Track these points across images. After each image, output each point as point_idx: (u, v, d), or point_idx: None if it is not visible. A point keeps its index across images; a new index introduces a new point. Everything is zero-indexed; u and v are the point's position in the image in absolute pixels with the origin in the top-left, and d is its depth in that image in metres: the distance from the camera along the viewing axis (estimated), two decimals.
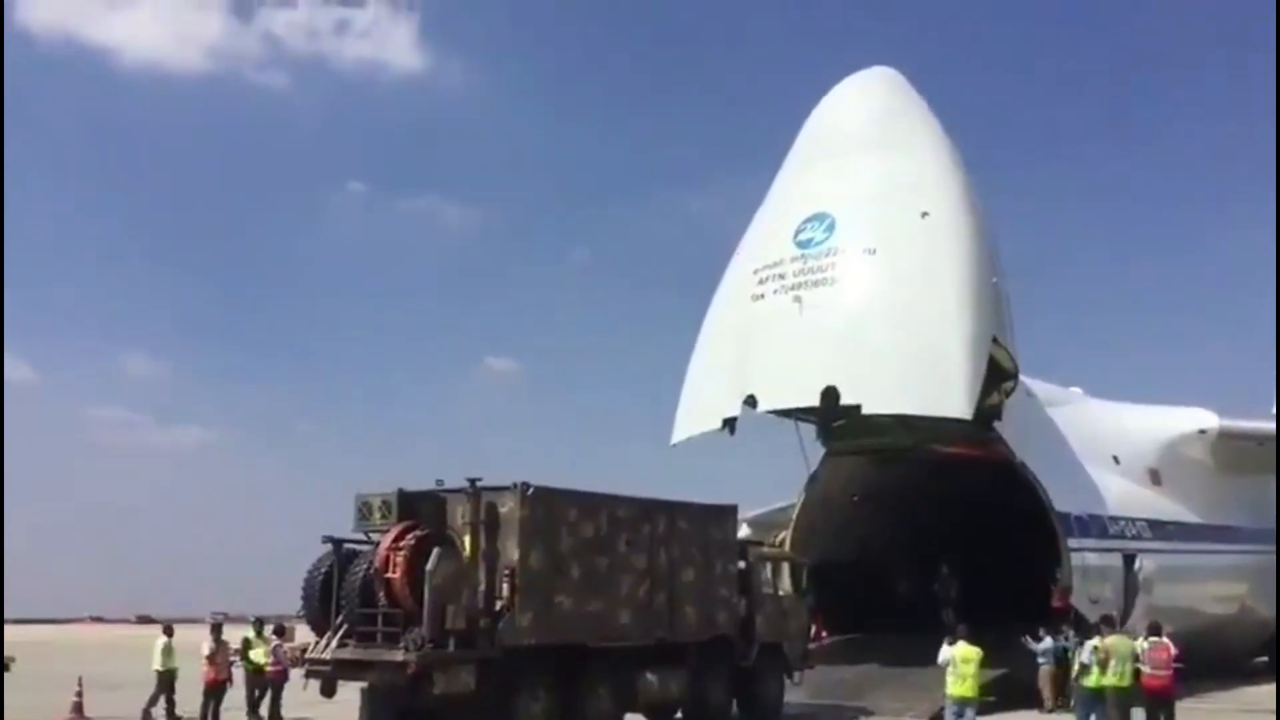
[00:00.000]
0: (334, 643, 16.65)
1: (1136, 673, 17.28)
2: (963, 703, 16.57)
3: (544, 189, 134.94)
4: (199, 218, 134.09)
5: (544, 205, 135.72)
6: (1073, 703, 19.14)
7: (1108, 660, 17.28)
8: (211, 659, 20.91)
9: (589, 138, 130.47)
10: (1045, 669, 23.07)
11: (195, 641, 21.98)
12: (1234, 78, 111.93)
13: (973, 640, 17.25)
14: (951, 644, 17.15)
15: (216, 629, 21.71)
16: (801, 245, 24.24)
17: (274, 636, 21.93)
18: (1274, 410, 42.89)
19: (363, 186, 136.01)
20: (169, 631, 22.53)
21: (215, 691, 20.81)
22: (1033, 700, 23.07)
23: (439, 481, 17.59)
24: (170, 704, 21.37)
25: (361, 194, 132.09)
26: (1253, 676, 30.44)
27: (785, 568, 23.59)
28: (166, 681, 21.56)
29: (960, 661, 16.80)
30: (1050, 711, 22.28)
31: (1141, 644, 17.36)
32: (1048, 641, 23.29)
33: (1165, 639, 17.44)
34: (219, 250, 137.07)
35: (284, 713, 20.87)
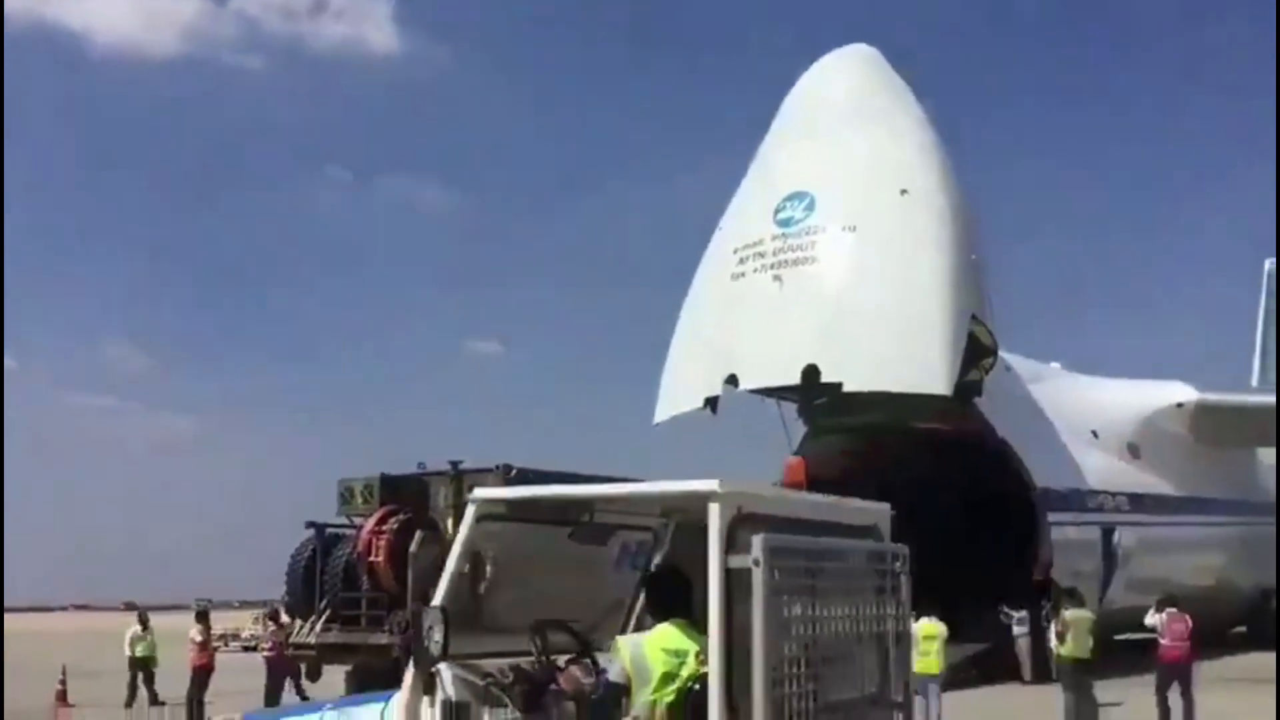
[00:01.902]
0: (318, 627, 16.69)
1: (1096, 645, 17.42)
2: (926, 679, 16.61)
3: (524, 170, 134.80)
4: (177, 203, 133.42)
5: (525, 187, 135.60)
6: (1055, 674, 19.31)
7: (1065, 633, 17.42)
8: (200, 645, 20.93)
9: (569, 118, 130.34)
10: (1023, 642, 23.30)
11: (181, 627, 21.97)
12: (1222, 54, 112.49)
13: (942, 616, 17.32)
14: (916, 620, 17.21)
15: (203, 615, 21.71)
16: (782, 224, 24.30)
17: (270, 622, 21.93)
18: (1252, 383, 43.32)
19: (341, 170, 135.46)
20: (143, 619, 22.52)
21: (202, 676, 20.81)
22: (1015, 673, 23.32)
23: (421, 465, 17.63)
24: (150, 691, 21.37)
25: (340, 177, 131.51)
26: (1234, 646, 30.75)
27: None
28: (138, 669, 21.59)
29: (923, 638, 16.84)
30: (1029, 683, 22.47)
31: (1156, 617, 17.46)
32: (1023, 615, 23.52)
33: (1178, 610, 17.52)
34: (198, 236, 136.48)
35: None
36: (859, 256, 23.65)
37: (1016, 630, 23.55)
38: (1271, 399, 36.54)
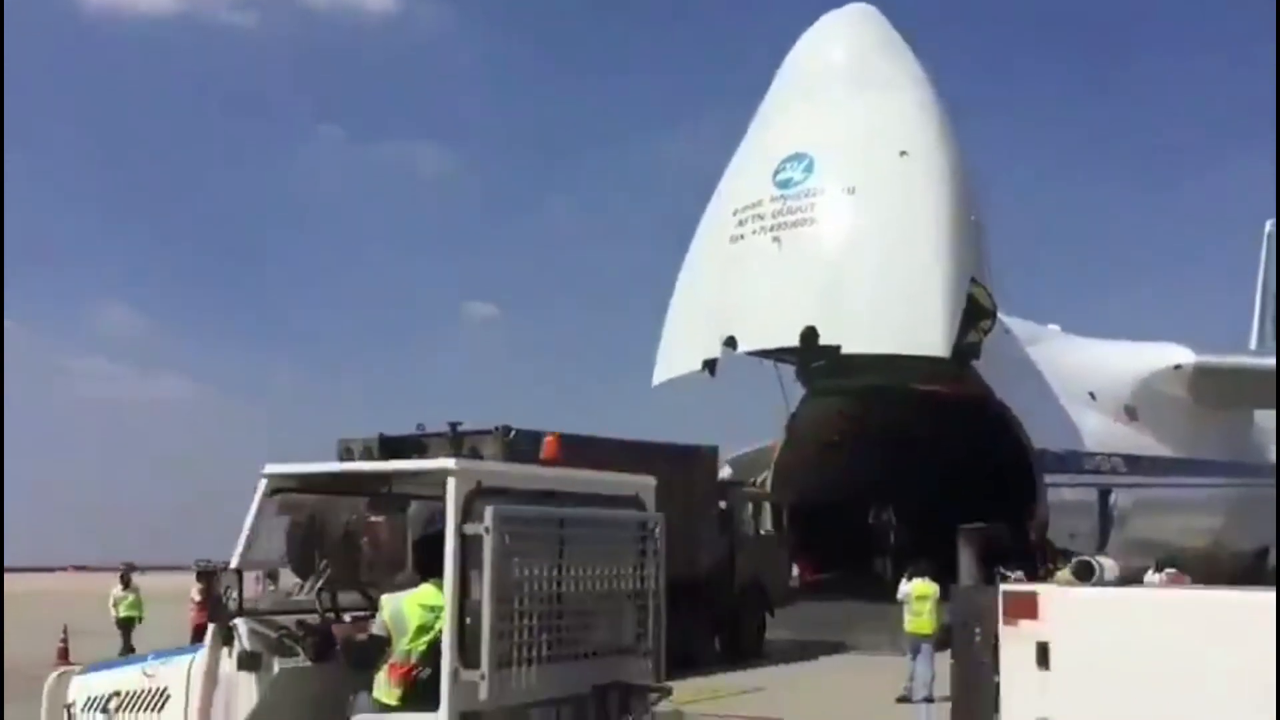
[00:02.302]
0: (319, 585, 16.74)
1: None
2: (919, 638, 16.73)
3: (523, 131, 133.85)
4: (170, 162, 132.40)
5: (523, 148, 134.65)
6: None
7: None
8: (199, 604, 21.08)
9: (568, 79, 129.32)
10: None
11: (183, 588, 22.13)
12: (1225, 10, 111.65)
13: (937, 577, 17.42)
14: (909, 580, 17.32)
15: (204, 575, 21.81)
16: (781, 185, 24.22)
17: (268, 579, 22.03)
18: (1251, 346, 43.36)
19: (336, 129, 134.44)
20: (124, 579, 22.71)
21: (201, 634, 20.93)
22: None
23: (420, 426, 17.57)
24: (128, 646, 21.59)
25: (335, 136, 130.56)
26: None
27: (766, 507, 23.79)
28: (123, 628, 21.86)
29: (916, 598, 16.96)
30: None
31: (1156, 577, 17.54)
32: (1019, 575, 23.63)
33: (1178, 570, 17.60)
34: (191, 197, 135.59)
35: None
36: (858, 218, 23.60)
37: None
38: (1269, 362, 36.59)
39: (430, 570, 6.12)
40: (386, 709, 6.00)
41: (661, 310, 26.18)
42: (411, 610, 6.17)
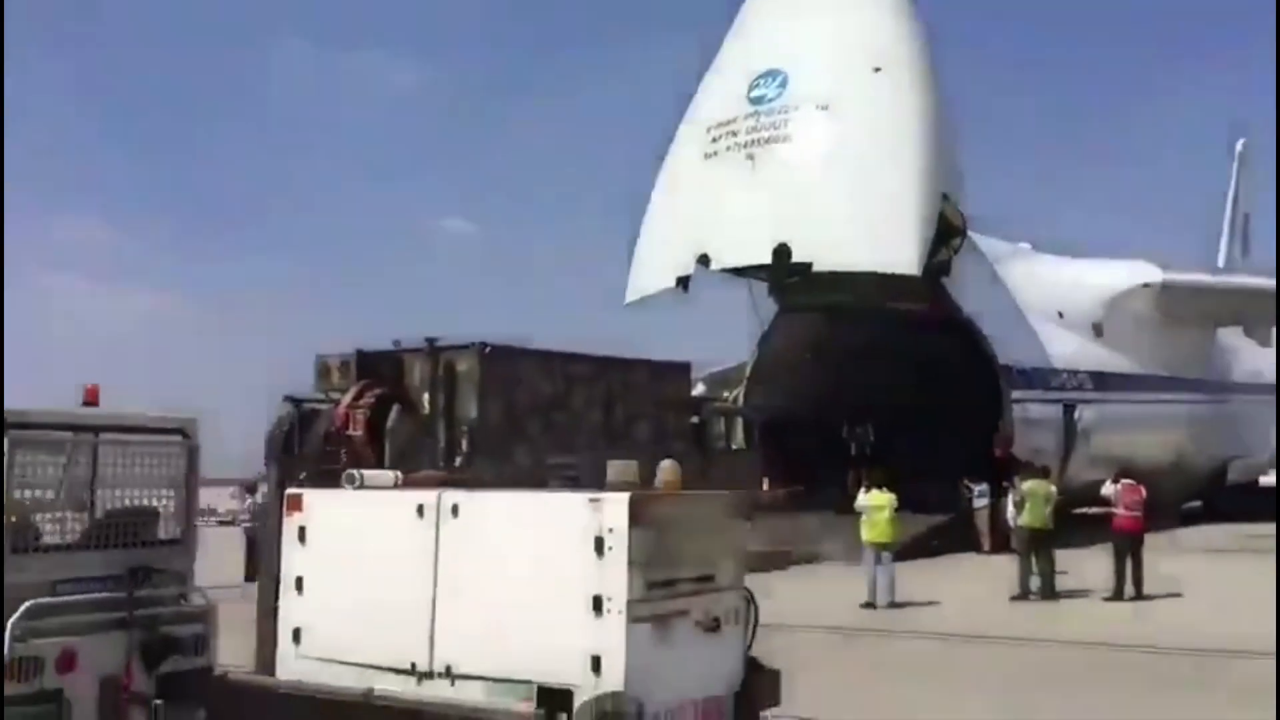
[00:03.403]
0: None
1: (1055, 514, 18.08)
2: (878, 547, 17.16)
3: (496, 44, 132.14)
4: (136, 75, 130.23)
5: (496, 61, 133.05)
6: (1013, 543, 19.99)
7: (1023, 502, 18.05)
8: None
9: None
10: (982, 514, 24.03)
11: None
12: None
13: (905, 489, 17.84)
14: (866, 491, 17.71)
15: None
16: (755, 102, 24.24)
17: (247, 494, 22.34)
18: (1219, 264, 43.90)
19: (304, 42, 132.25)
20: None
21: None
22: (977, 544, 24.10)
23: (396, 342, 17.77)
24: None
25: (303, 50, 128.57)
26: (1188, 520, 31.78)
27: (738, 423, 24.14)
28: None
29: (873, 508, 17.35)
30: (990, 553, 23.19)
31: (1112, 488, 18.06)
32: (984, 488, 24.20)
33: (1134, 481, 18.11)
34: (159, 110, 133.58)
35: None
36: (831, 135, 23.68)
37: (977, 503, 24.28)
38: (1235, 279, 37.22)
39: None
40: None
41: (636, 226, 26.26)
42: None
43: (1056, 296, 30.63)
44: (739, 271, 25.78)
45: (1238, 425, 36.85)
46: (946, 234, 24.24)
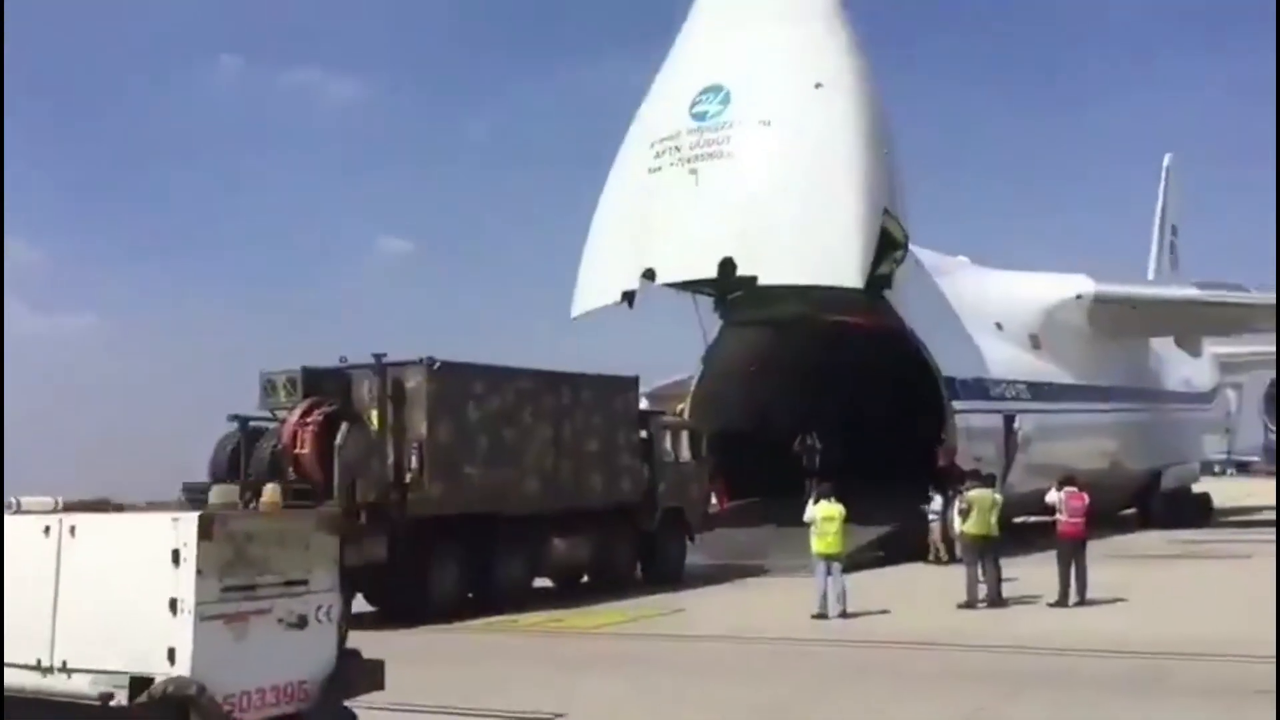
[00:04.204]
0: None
1: (1000, 523, 18.31)
2: (827, 559, 17.26)
3: (435, 61, 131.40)
4: (62, 93, 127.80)
5: (436, 79, 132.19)
6: (958, 553, 20.20)
7: (969, 510, 18.27)
8: None
9: (481, 5, 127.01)
10: (935, 525, 24.23)
11: None
12: None
13: (852, 500, 17.97)
14: (815, 503, 17.82)
15: (116, 509, 21.68)
16: (697, 118, 24.40)
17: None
18: (1149, 276, 44.79)
19: (237, 59, 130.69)
20: None
21: None
22: (922, 554, 24.31)
23: (342, 359, 17.69)
24: None
25: (236, 66, 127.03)
26: (1122, 526, 32.35)
27: (685, 436, 24.23)
28: None
29: (823, 520, 17.45)
30: (944, 563, 23.30)
31: (1057, 495, 18.31)
32: (937, 500, 24.42)
33: (1077, 489, 18.36)
34: (86, 128, 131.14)
35: None
36: (774, 151, 23.89)
37: (931, 516, 24.47)
38: (1165, 291, 38.04)
39: None
40: None
41: (580, 242, 26.27)
42: None
43: (994, 308, 31.08)
44: (684, 286, 25.88)
45: (1170, 434, 37.61)
46: (888, 247, 24.51)
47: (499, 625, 17.03)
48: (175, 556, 6.34)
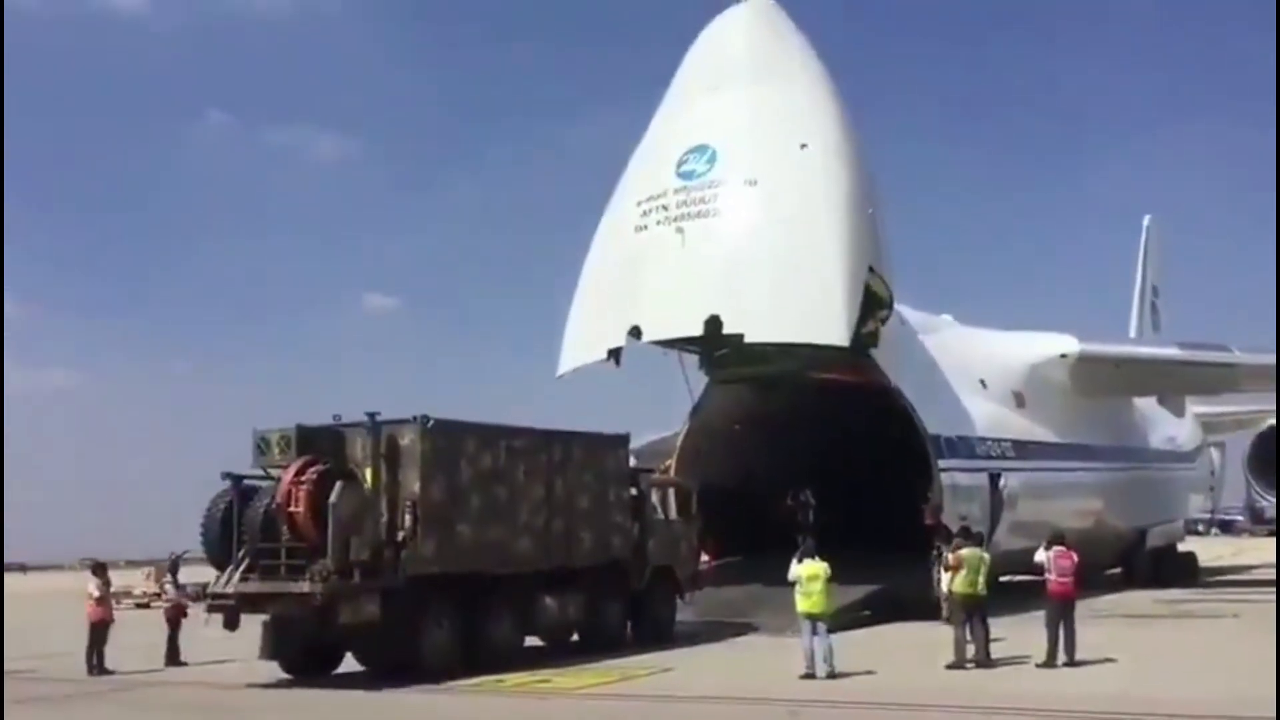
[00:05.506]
0: (236, 576, 16.76)
1: (990, 582, 18.31)
2: (812, 618, 17.22)
3: (422, 120, 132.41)
4: (52, 148, 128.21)
5: (422, 137, 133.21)
6: (946, 613, 20.16)
7: (958, 569, 18.27)
8: (98, 599, 20.80)
9: (468, 66, 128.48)
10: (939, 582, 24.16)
11: (64, 586, 21.83)
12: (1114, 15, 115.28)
13: (836, 559, 17.95)
14: (800, 561, 17.81)
15: (100, 568, 21.54)
16: (684, 177, 24.70)
17: (168, 574, 21.89)
18: (1130, 334, 45.17)
19: (226, 116, 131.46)
20: None
21: (100, 631, 20.68)
22: (909, 613, 24.22)
23: (336, 417, 17.73)
24: None
25: (225, 124, 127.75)
26: (1108, 585, 32.40)
27: (673, 493, 24.28)
28: None
29: (807, 579, 17.42)
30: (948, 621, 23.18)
31: (1045, 554, 18.33)
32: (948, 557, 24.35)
33: (1066, 548, 18.39)
34: (74, 183, 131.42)
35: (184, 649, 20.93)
36: (759, 210, 24.16)
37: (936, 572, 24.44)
38: (1147, 350, 38.39)
39: None
40: None
41: (566, 299, 26.42)
42: None
43: (979, 366, 31.30)
44: (670, 343, 26.02)
45: (1155, 492, 37.77)
46: (873, 306, 24.72)
47: (488, 686, 16.94)
48: None
